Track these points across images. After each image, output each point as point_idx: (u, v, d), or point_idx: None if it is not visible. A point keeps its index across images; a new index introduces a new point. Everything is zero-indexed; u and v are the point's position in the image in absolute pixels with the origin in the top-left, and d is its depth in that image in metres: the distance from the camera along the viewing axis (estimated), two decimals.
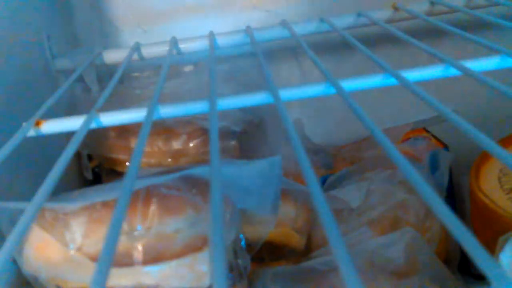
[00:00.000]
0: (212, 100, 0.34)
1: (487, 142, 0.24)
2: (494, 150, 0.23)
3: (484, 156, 0.54)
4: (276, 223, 0.44)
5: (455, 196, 0.63)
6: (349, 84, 0.36)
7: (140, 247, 0.34)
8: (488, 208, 0.48)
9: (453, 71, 0.35)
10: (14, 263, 0.37)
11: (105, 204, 0.35)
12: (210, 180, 0.23)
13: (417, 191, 0.21)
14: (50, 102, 0.39)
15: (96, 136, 0.56)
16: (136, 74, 0.64)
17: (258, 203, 0.41)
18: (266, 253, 0.46)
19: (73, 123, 0.35)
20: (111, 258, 0.19)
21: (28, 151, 0.45)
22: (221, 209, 0.22)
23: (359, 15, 0.57)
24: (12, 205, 0.35)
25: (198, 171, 0.38)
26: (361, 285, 0.15)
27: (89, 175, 0.58)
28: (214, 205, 0.21)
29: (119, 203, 0.22)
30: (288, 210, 0.47)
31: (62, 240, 0.34)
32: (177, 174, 0.37)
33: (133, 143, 0.55)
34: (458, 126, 0.26)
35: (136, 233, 0.34)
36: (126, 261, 0.34)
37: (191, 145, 0.55)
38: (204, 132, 0.56)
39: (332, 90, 0.35)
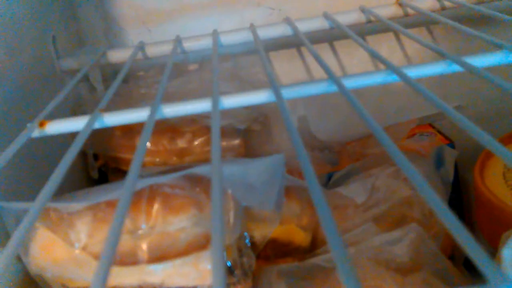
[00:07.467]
0: (214, 99, 0.34)
1: (488, 139, 0.24)
2: (495, 147, 0.23)
3: (489, 152, 0.53)
4: (281, 220, 0.44)
5: (462, 191, 0.63)
6: (351, 82, 0.36)
7: (144, 246, 0.34)
8: (492, 204, 0.48)
9: (455, 67, 0.35)
10: (20, 262, 0.37)
11: (109, 204, 0.35)
12: (211, 180, 0.23)
13: (417, 189, 0.21)
14: (54, 102, 0.39)
15: (102, 135, 0.56)
16: (141, 73, 0.64)
17: (263, 201, 0.41)
18: (271, 250, 0.46)
19: (76, 123, 0.36)
20: (113, 257, 0.19)
21: (34, 151, 0.46)
22: (221, 208, 0.22)
23: (362, 11, 0.57)
24: (18, 205, 0.35)
25: (201, 169, 0.38)
26: (358, 284, 0.15)
27: (95, 174, 0.59)
28: (215, 204, 0.22)
29: (120, 202, 0.23)
30: (293, 207, 0.47)
31: (67, 239, 0.35)
32: (181, 173, 0.38)
33: (138, 141, 0.55)
34: (458, 123, 0.26)
35: (140, 232, 0.34)
36: (131, 260, 0.34)
37: (195, 143, 0.56)
38: (208, 131, 0.56)
39: (334, 88, 0.35)
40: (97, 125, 0.35)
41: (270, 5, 0.67)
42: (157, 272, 0.34)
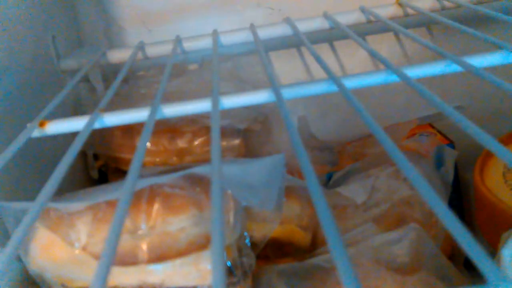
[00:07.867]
0: (214, 99, 0.34)
1: (488, 139, 0.24)
2: (495, 147, 0.23)
3: (489, 152, 0.53)
4: (281, 220, 0.44)
5: (462, 191, 0.63)
6: (351, 82, 0.36)
7: (144, 246, 0.34)
8: (492, 204, 0.48)
9: (455, 67, 0.35)
10: (20, 262, 0.37)
11: (109, 204, 0.35)
12: (211, 180, 0.23)
13: (416, 188, 0.21)
14: (54, 102, 0.39)
15: (102, 135, 0.56)
16: (141, 73, 0.64)
17: (263, 201, 0.41)
18: (271, 250, 0.46)
19: (76, 123, 0.36)
20: (113, 257, 0.19)
21: (34, 151, 0.46)
22: (222, 208, 0.22)
23: (362, 11, 0.57)
24: (18, 205, 0.35)
25: (201, 169, 0.38)
26: (358, 284, 0.15)
27: (95, 174, 0.59)
28: (215, 204, 0.22)
29: (120, 202, 0.23)
30: (293, 207, 0.47)
31: (67, 239, 0.35)
32: (181, 173, 0.38)
33: (138, 141, 0.55)
34: (458, 123, 0.26)
35: (140, 232, 0.34)
36: (131, 260, 0.34)
37: (196, 143, 0.56)
38: (209, 131, 0.56)
39: (334, 88, 0.35)
40: (97, 125, 0.35)
41: (270, 5, 0.67)
42: (157, 272, 0.34)
